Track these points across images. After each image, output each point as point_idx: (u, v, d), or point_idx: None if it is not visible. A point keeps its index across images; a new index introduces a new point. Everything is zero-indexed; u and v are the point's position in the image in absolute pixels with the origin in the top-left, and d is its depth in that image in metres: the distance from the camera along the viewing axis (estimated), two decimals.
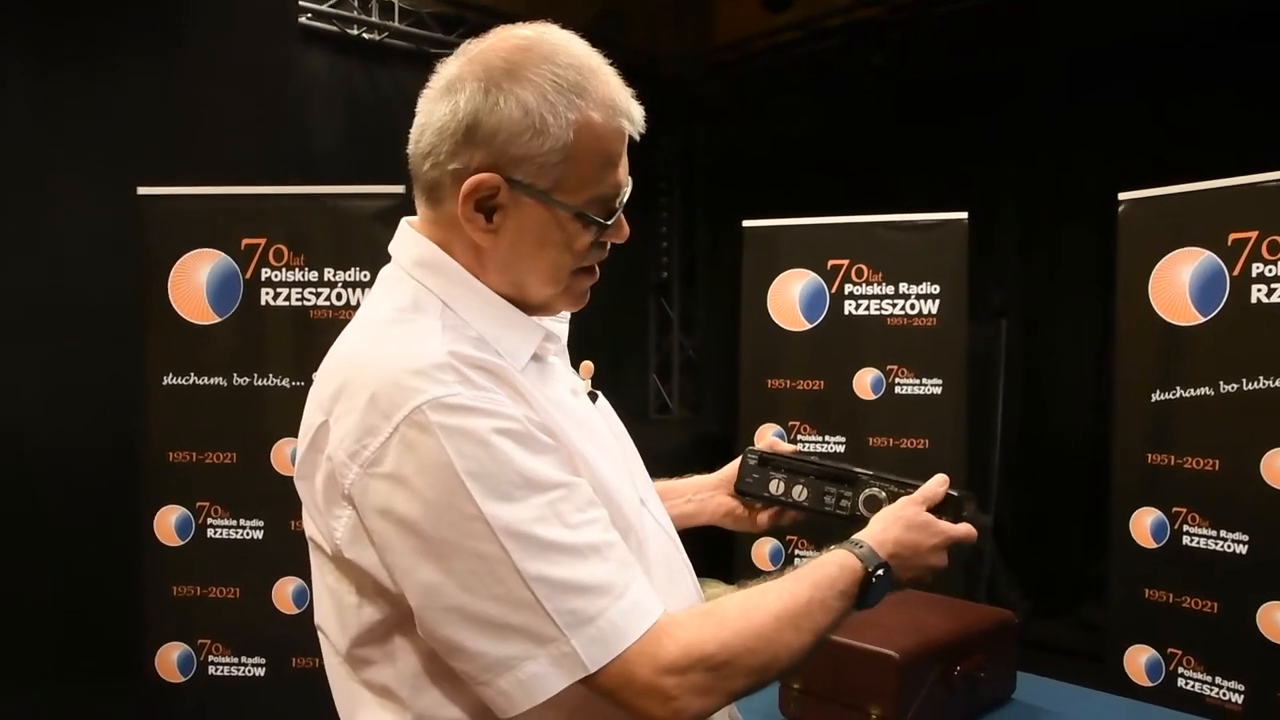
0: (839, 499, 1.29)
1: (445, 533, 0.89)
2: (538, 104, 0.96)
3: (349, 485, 0.93)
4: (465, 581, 0.89)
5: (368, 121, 5.08)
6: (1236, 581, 3.08)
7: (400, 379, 0.92)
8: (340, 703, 1.06)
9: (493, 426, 0.91)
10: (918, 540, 1.14)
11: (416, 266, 1.04)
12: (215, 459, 3.43)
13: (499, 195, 0.98)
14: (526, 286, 1.04)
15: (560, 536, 0.91)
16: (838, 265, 4.08)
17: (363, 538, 0.94)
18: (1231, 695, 3.09)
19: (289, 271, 3.44)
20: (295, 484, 1.03)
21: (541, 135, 0.96)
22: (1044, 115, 5.05)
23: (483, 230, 1.00)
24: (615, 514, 1.00)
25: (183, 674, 3.42)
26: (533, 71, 0.97)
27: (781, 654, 0.98)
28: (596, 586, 0.91)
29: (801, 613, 1.00)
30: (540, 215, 1.00)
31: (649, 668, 0.92)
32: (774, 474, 1.34)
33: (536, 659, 0.90)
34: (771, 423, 4.14)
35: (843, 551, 1.09)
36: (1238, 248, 3.11)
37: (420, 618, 0.92)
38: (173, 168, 3.75)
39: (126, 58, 4.24)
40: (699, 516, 1.39)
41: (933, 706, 1.64)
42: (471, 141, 0.97)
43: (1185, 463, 3.23)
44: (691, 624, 0.96)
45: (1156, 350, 3.31)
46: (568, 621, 0.90)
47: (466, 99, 0.97)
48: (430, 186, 1.02)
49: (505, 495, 0.90)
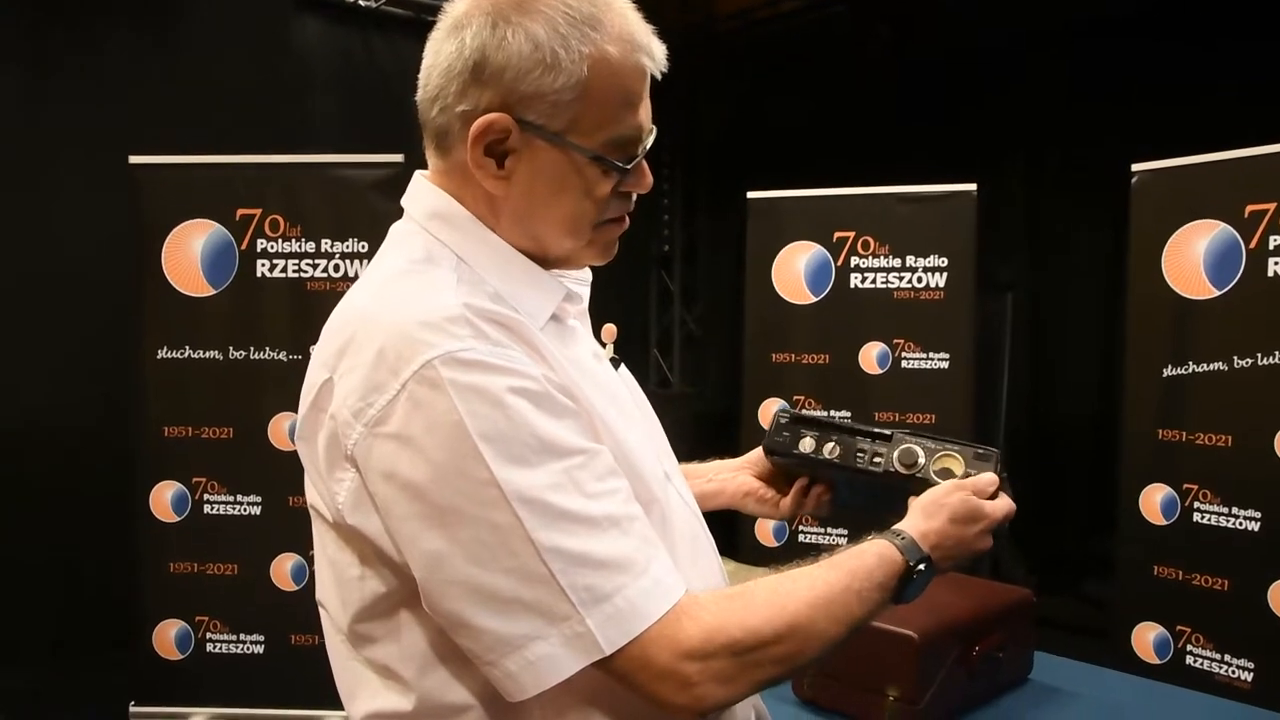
0: (873, 455, 1.21)
1: (454, 498, 0.83)
2: (548, 37, 0.89)
3: (352, 446, 0.87)
4: (474, 552, 0.83)
5: (365, 90, 5.01)
6: (1248, 559, 3.05)
7: (410, 332, 0.85)
8: (340, 682, 1.00)
9: (509, 385, 0.85)
10: (963, 531, 1.08)
11: (430, 219, 0.98)
12: (211, 434, 3.38)
13: (510, 138, 0.92)
14: (544, 239, 0.97)
15: (578, 506, 0.85)
16: (844, 237, 4.01)
17: (366, 503, 0.88)
18: (1241, 673, 3.06)
19: (285, 243, 3.37)
20: (296, 445, 0.97)
21: (553, 71, 0.90)
22: (1054, 85, 4.97)
23: (494, 177, 0.93)
24: (638, 485, 0.94)
25: (180, 651, 3.39)
26: (543, 3, 0.90)
27: (813, 643, 0.92)
28: (615, 561, 0.85)
29: (837, 602, 0.94)
30: (555, 159, 0.93)
31: (669, 651, 0.85)
32: (806, 431, 1.27)
33: (548, 638, 0.83)
34: (776, 397, 4.08)
35: (883, 542, 1.02)
36: (1255, 220, 3.05)
37: (425, 590, 0.86)
38: (166, 136, 3.68)
39: (120, 25, 4.17)
40: (719, 497, 1.33)
41: (951, 689, 1.60)
42: (479, 80, 0.91)
43: (1197, 439, 3.18)
44: (717, 606, 0.90)
45: (1169, 324, 3.26)
46: (582, 598, 0.83)
47: (473, 35, 0.91)
48: (439, 133, 0.96)
49: (520, 459, 0.83)
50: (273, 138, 4.15)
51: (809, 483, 1.30)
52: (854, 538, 1.05)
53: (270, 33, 4.62)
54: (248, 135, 4.05)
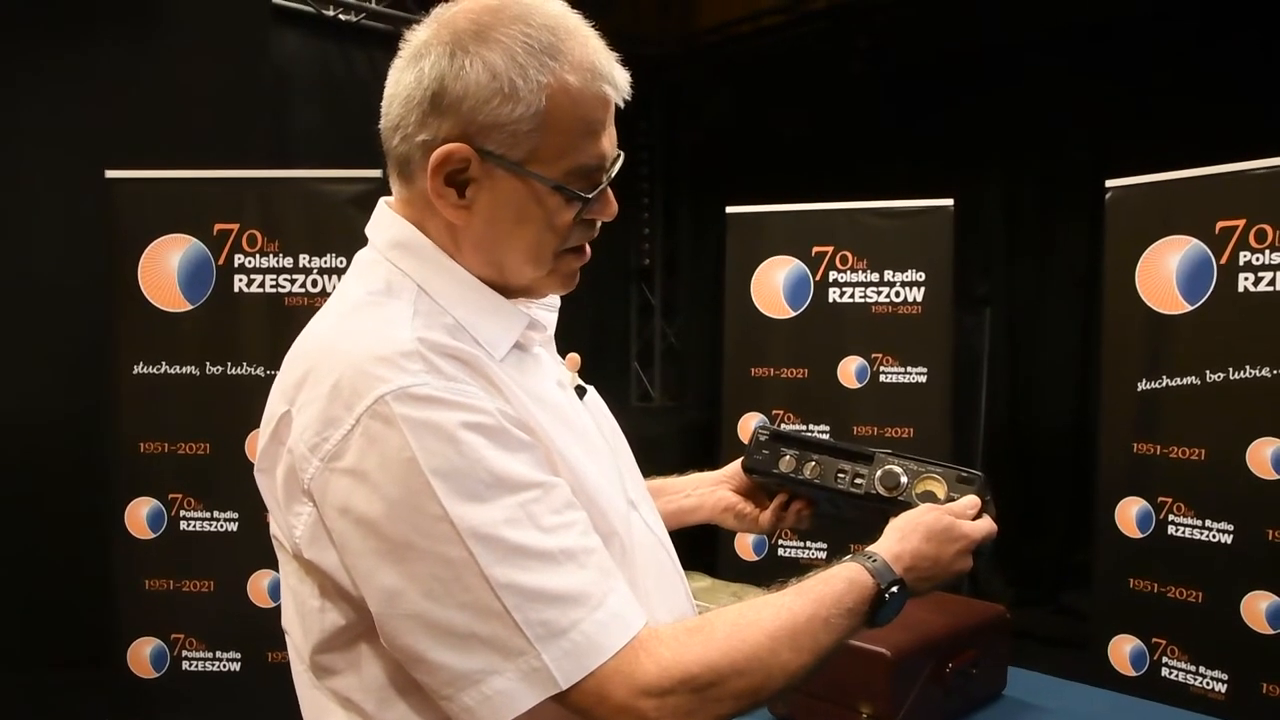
0: (854, 476, 1.19)
1: (408, 534, 0.83)
2: (506, 67, 0.89)
3: (309, 480, 0.87)
4: (428, 587, 0.83)
5: (343, 104, 5.00)
6: (1221, 571, 3.08)
7: (365, 366, 0.85)
8: (305, 710, 1.00)
9: (461, 420, 0.85)
10: (939, 551, 1.06)
11: (391, 248, 0.98)
12: (188, 450, 3.36)
13: (470, 168, 0.92)
14: (506, 268, 0.97)
15: (533, 540, 0.85)
16: (822, 252, 4.04)
17: (323, 537, 0.88)
18: (1215, 685, 3.09)
19: (263, 258, 3.36)
20: (256, 477, 0.97)
21: (511, 101, 0.89)
22: (1031, 102, 5.01)
23: (454, 206, 0.93)
24: (598, 517, 0.94)
25: (156, 669, 3.36)
26: (501, 32, 0.90)
27: (776, 675, 0.91)
28: (571, 595, 0.85)
29: (801, 631, 0.92)
30: (516, 189, 0.93)
31: (625, 687, 0.85)
32: (785, 449, 1.25)
33: (504, 673, 0.83)
34: (755, 411, 4.10)
35: (854, 565, 1.01)
36: (1225, 236, 3.09)
37: (381, 625, 0.86)
38: (143, 151, 3.66)
39: (95, 37, 4.14)
40: (698, 512, 1.32)
41: (925, 705, 1.60)
42: (438, 110, 0.91)
43: (1171, 452, 3.21)
44: (676, 641, 0.88)
45: (1143, 339, 3.29)
46: (538, 633, 0.83)
47: (431, 64, 0.91)
48: (401, 162, 0.96)
49: (473, 495, 0.83)
50: (250, 152, 4.14)
51: (788, 499, 1.29)
52: (833, 552, 1.04)
53: (248, 46, 4.60)
54: (225, 149, 4.03)
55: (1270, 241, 2.99)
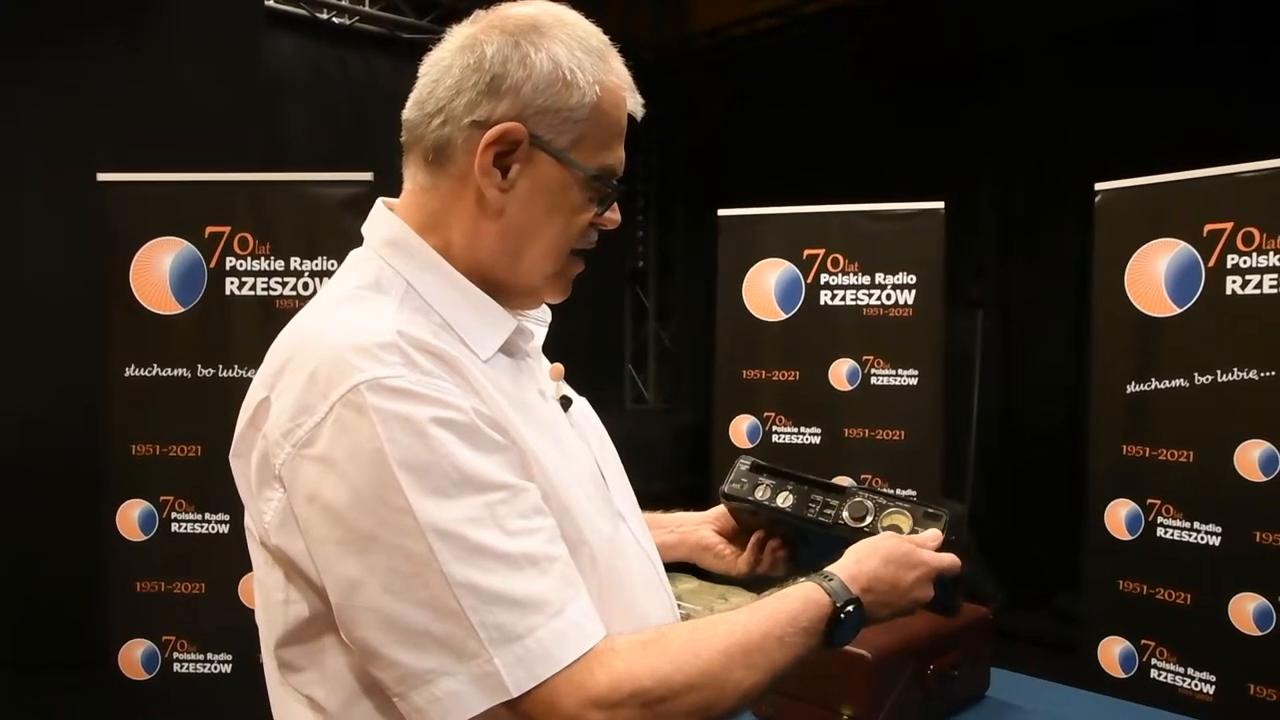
0: (824, 507, 1.22)
1: (371, 525, 0.83)
2: (568, 58, 0.96)
3: (280, 466, 0.87)
4: (387, 580, 0.83)
5: (337, 107, 5.01)
6: (1209, 573, 3.09)
7: (342, 355, 0.86)
8: (273, 706, 1.00)
9: (432, 415, 0.85)
10: (897, 575, 1.06)
11: (385, 246, 1.00)
12: (179, 452, 3.37)
13: (518, 150, 0.95)
14: (526, 257, 0.99)
15: (495, 542, 0.84)
16: (813, 255, 4.05)
17: (291, 523, 0.88)
18: (1203, 686, 3.10)
19: (254, 260, 3.37)
20: (231, 462, 0.97)
21: (570, 89, 0.96)
22: (1022, 105, 5.04)
23: (497, 187, 0.96)
24: (568, 525, 0.94)
25: (147, 671, 3.36)
26: (561, 30, 0.97)
27: (728, 692, 0.90)
28: (530, 601, 0.84)
29: (755, 648, 0.92)
30: (556, 176, 0.97)
31: (575, 699, 0.84)
32: (763, 479, 1.28)
33: (455, 675, 0.82)
34: (747, 414, 4.11)
35: (810, 585, 1.00)
36: (1213, 239, 3.10)
37: (339, 615, 0.86)
38: (135, 153, 3.67)
39: (88, 40, 4.15)
40: (679, 549, 1.33)
41: (906, 706, 1.61)
42: (496, 92, 0.95)
43: (1160, 454, 3.22)
44: (630, 653, 0.88)
45: (1132, 341, 3.30)
46: (493, 637, 0.82)
47: (495, 50, 0.95)
48: (438, 146, 0.97)
49: (438, 490, 0.83)
50: (243, 154, 4.15)
51: (765, 536, 1.31)
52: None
53: (241, 49, 4.61)
54: (217, 152, 4.04)
55: (1257, 244, 3.01)
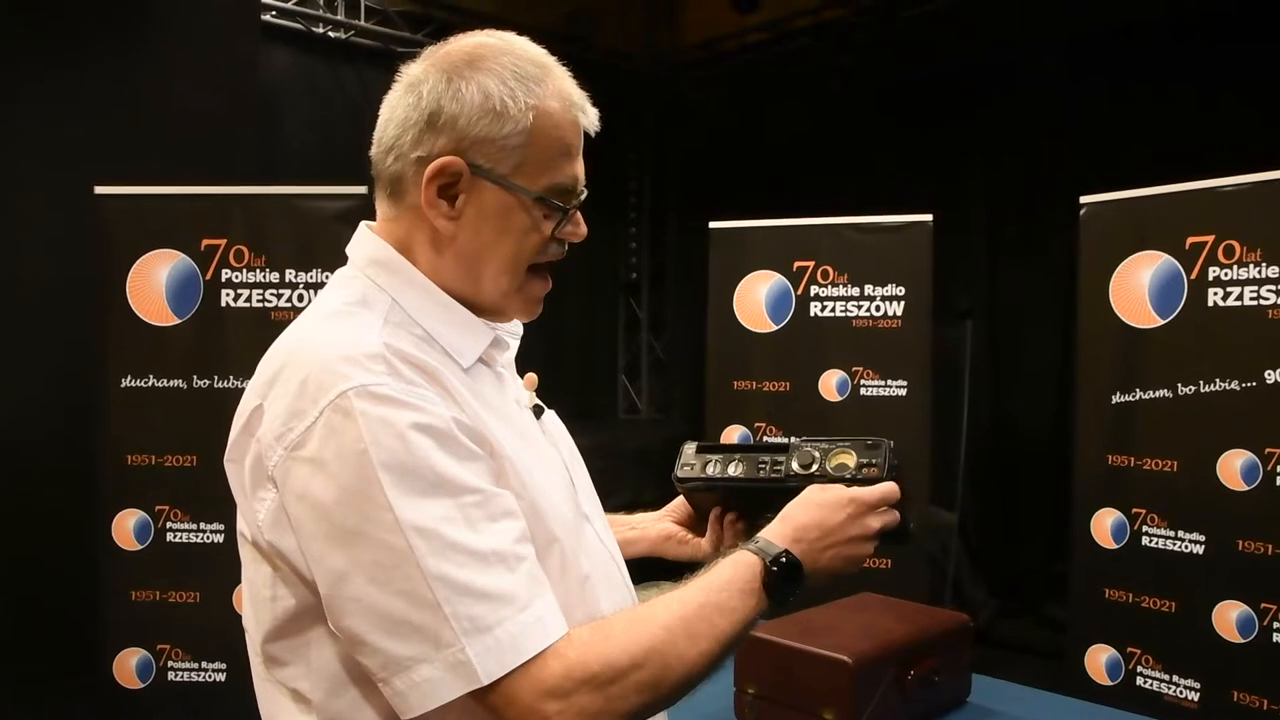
0: (773, 465, 1.25)
1: (356, 521, 0.90)
2: (498, 89, 1.00)
3: (273, 467, 0.94)
4: (371, 572, 0.89)
5: (331, 120, 5.04)
6: (1193, 581, 3.13)
7: (332, 364, 0.93)
8: (260, 704, 1.05)
9: (412, 421, 0.91)
10: (824, 518, 1.09)
11: (369, 265, 1.06)
12: (175, 462, 3.39)
13: (461, 181, 1.01)
14: (484, 278, 1.05)
15: (466, 539, 0.91)
16: (804, 267, 4.08)
17: (283, 521, 0.94)
18: (1188, 693, 3.13)
19: (250, 272, 3.40)
20: (226, 467, 1.03)
21: (501, 118, 1.00)
22: (1010, 118, 5.09)
23: (445, 216, 1.02)
24: (540, 527, 1.00)
25: (141, 680, 3.38)
26: (493, 62, 1.02)
27: (674, 666, 0.95)
28: (498, 595, 0.90)
29: (693, 618, 0.97)
30: (501, 200, 1.02)
31: (531, 690, 0.90)
32: (710, 457, 1.32)
33: (432, 662, 0.89)
34: (738, 424, 4.14)
35: (738, 550, 1.06)
36: (1195, 251, 3.15)
37: (328, 605, 0.92)
38: (132, 167, 3.71)
39: (85, 53, 4.18)
40: (639, 543, 1.38)
41: (886, 711, 1.64)
42: (434, 128, 1.00)
43: (1144, 464, 3.26)
44: (580, 642, 0.93)
45: (1117, 352, 3.35)
46: (465, 627, 0.89)
47: (429, 89, 1.01)
48: (393, 180, 1.04)
49: (416, 490, 0.90)
50: (239, 167, 4.18)
51: (723, 512, 1.33)
52: None
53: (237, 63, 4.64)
54: (214, 165, 4.07)
55: (1238, 257, 3.05)
